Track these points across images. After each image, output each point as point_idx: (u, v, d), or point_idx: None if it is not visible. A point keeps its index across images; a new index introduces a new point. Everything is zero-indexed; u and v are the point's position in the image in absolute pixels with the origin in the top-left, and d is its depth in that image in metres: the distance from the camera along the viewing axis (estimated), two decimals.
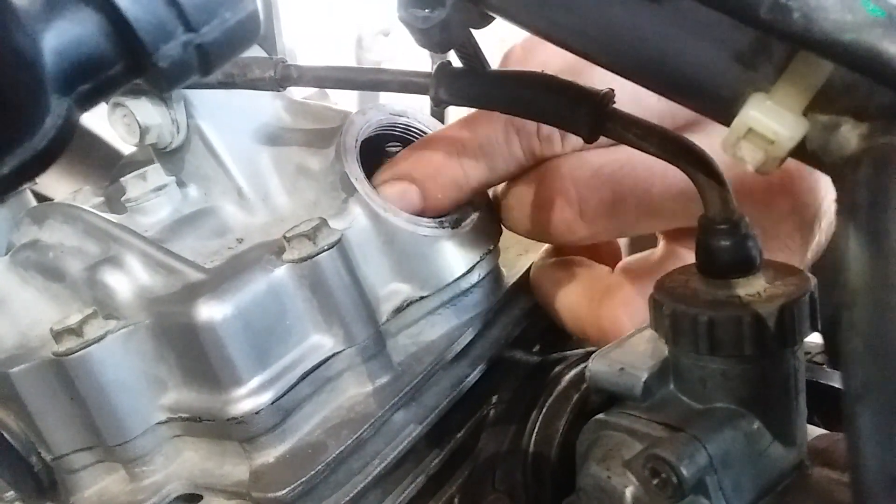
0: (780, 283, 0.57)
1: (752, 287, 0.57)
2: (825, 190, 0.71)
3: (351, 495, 0.64)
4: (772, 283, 0.57)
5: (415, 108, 0.80)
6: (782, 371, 0.58)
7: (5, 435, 0.68)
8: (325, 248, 0.66)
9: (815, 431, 0.64)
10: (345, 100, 0.92)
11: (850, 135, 0.40)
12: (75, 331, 0.64)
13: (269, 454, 0.65)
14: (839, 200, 0.38)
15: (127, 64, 0.32)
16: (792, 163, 0.44)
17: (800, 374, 0.59)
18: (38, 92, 0.30)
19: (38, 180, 0.41)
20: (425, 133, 0.79)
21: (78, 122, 0.32)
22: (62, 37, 0.31)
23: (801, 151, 0.42)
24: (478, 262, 0.75)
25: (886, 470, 0.32)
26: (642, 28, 0.46)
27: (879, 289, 0.34)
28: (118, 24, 0.31)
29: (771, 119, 0.42)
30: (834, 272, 0.35)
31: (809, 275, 0.58)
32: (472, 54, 0.61)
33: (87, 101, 0.33)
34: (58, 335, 0.64)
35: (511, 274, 0.81)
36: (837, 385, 0.76)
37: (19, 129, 0.30)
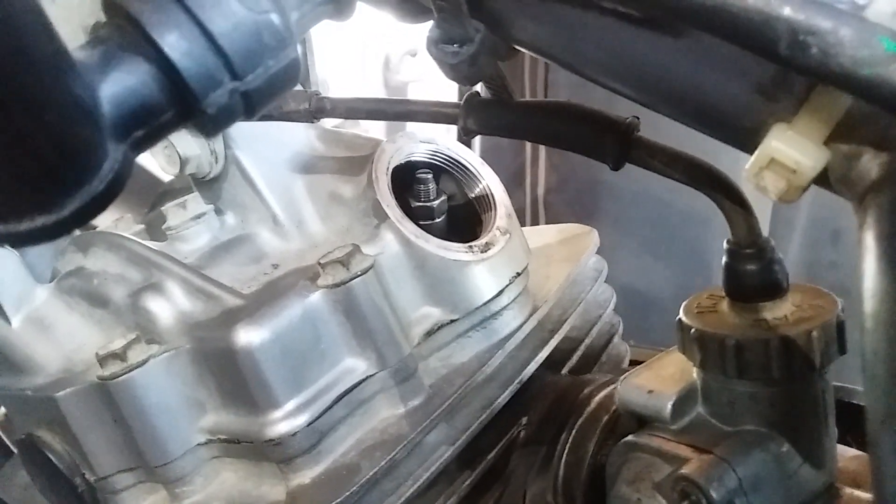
0: (808, 306, 0.58)
1: (780, 311, 0.58)
2: None
3: None
4: (799, 306, 0.58)
5: (443, 136, 0.81)
6: (811, 394, 0.58)
7: (51, 456, 0.71)
8: (359, 273, 0.67)
9: (847, 452, 0.64)
10: (374, 127, 0.94)
11: (871, 164, 0.41)
12: (119, 355, 0.66)
13: (305, 475, 0.66)
14: (861, 229, 0.38)
15: (177, 111, 0.34)
16: None
17: (828, 395, 0.59)
18: (97, 139, 0.33)
19: None
20: (454, 160, 0.80)
21: (133, 165, 0.34)
22: (118, 87, 0.33)
23: (824, 180, 0.43)
24: (507, 285, 0.76)
25: None
26: (666, 61, 0.47)
27: None
28: (170, 74, 0.34)
29: (793, 149, 0.43)
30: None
31: (837, 298, 0.59)
32: (499, 85, 0.62)
33: (141, 146, 0.35)
34: (102, 360, 0.67)
35: (540, 295, 0.82)
36: None
37: (80, 175, 0.33)
